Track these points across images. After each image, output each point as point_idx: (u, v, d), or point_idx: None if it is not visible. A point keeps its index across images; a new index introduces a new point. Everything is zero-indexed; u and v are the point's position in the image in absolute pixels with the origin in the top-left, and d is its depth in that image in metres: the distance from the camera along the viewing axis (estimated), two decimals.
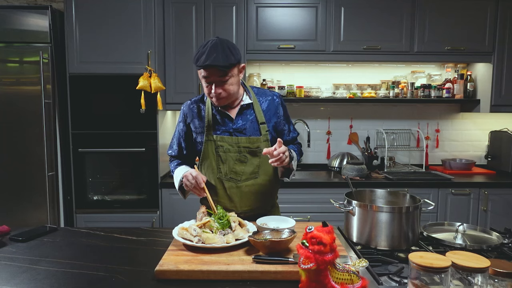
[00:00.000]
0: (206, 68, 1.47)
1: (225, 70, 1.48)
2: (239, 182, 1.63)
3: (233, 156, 1.62)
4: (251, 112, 1.65)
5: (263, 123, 1.64)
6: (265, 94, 1.72)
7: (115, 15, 2.72)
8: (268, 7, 2.95)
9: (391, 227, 1.34)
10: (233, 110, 1.66)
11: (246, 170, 1.63)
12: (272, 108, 1.69)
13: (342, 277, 0.98)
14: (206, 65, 1.45)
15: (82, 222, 2.82)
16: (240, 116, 1.64)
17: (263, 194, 1.68)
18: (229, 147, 1.61)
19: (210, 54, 1.45)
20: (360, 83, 3.34)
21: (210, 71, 1.48)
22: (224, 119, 1.64)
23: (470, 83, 3.20)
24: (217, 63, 1.45)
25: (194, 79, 2.98)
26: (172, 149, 1.78)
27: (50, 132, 2.73)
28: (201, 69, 1.49)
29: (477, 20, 2.99)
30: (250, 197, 1.65)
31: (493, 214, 2.87)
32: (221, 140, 1.62)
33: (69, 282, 1.14)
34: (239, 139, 1.61)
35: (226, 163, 1.62)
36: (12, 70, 2.71)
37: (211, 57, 1.44)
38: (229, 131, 1.63)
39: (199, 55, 1.48)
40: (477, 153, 3.48)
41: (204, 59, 1.45)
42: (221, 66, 1.46)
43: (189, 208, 2.61)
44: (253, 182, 1.64)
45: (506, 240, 1.43)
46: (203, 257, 1.22)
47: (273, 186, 1.73)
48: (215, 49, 1.46)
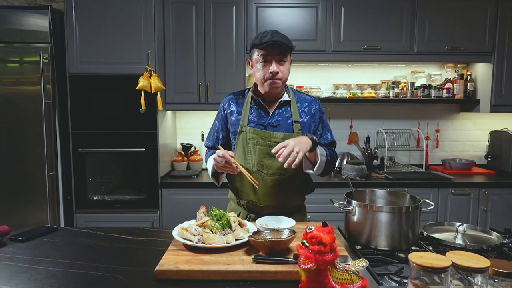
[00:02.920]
0: (270, 48, 1.56)
1: (287, 49, 1.59)
2: (265, 176, 1.64)
3: (263, 149, 1.64)
4: (287, 110, 1.69)
5: (297, 122, 1.67)
6: (304, 98, 1.76)
7: (115, 15, 2.72)
8: (268, 7, 2.95)
9: (391, 227, 1.34)
10: (271, 105, 1.70)
11: (274, 164, 1.64)
12: (309, 111, 1.73)
13: (342, 277, 0.98)
14: (273, 41, 1.54)
15: (82, 222, 2.82)
16: (277, 111, 1.69)
17: (288, 193, 1.68)
18: (260, 140, 1.64)
19: (274, 34, 1.57)
20: (360, 83, 3.34)
21: (272, 50, 1.57)
22: (261, 113, 1.69)
23: (470, 83, 3.20)
24: (282, 40, 1.56)
25: (194, 79, 2.98)
26: (209, 140, 1.84)
27: (50, 132, 2.73)
28: (264, 48, 1.56)
29: (477, 20, 2.99)
30: (274, 192, 1.65)
31: (493, 214, 2.87)
32: (253, 132, 1.65)
33: (69, 282, 1.14)
34: (271, 133, 1.65)
35: (255, 155, 1.65)
36: (12, 70, 2.71)
37: (277, 36, 1.56)
38: (264, 125, 1.67)
39: (261, 37, 1.58)
40: (477, 153, 3.48)
41: (270, 37, 1.56)
42: (285, 44, 1.56)
43: (189, 208, 2.61)
44: (280, 178, 1.65)
45: (506, 240, 1.43)
46: (203, 257, 1.22)
47: (301, 187, 1.74)
48: (278, 33, 1.59)
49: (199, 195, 2.80)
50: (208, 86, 2.98)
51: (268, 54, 1.58)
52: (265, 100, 1.70)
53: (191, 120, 3.40)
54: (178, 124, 3.43)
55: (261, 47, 1.56)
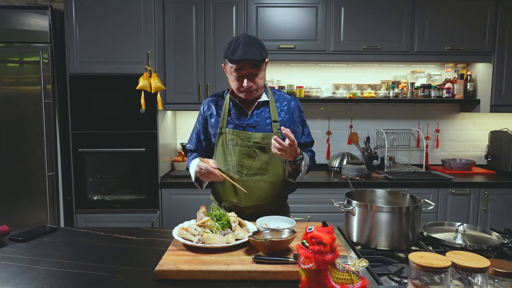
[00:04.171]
0: (241, 62, 1.53)
1: (259, 64, 1.56)
2: (245, 176, 1.64)
3: (242, 150, 1.64)
4: (266, 110, 1.69)
5: (275, 121, 1.67)
6: (283, 97, 1.76)
7: (115, 15, 2.72)
8: (268, 7, 2.95)
9: (391, 227, 1.34)
10: (250, 106, 1.69)
11: (254, 165, 1.64)
12: (288, 111, 1.73)
13: (342, 277, 0.98)
14: (244, 59, 1.51)
15: (82, 222, 2.82)
16: (256, 112, 1.68)
17: (269, 192, 1.68)
18: (239, 140, 1.64)
19: (245, 48, 1.52)
20: (360, 83, 3.34)
21: (244, 64, 1.54)
22: (239, 114, 1.69)
23: (470, 83, 3.20)
24: (254, 57, 1.52)
25: (194, 79, 2.98)
26: (190, 143, 1.84)
27: (50, 132, 2.73)
28: (235, 63, 1.54)
29: (477, 20, 2.99)
30: (255, 192, 1.65)
31: (493, 214, 2.87)
32: (232, 133, 1.65)
33: (69, 282, 1.14)
34: (250, 134, 1.64)
35: (235, 156, 1.64)
36: (12, 70, 2.71)
37: (248, 52, 1.51)
38: (242, 126, 1.67)
39: (233, 49, 1.54)
40: (477, 153, 3.48)
41: (241, 53, 1.51)
42: (257, 60, 1.53)
43: (189, 208, 2.61)
44: (260, 178, 1.65)
45: (506, 240, 1.43)
46: (203, 257, 1.22)
47: (282, 186, 1.72)
48: (250, 44, 1.53)
49: (199, 195, 2.79)
50: (208, 86, 2.98)
51: (241, 68, 1.55)
52: (243, 101, 1.69)
53: (191, 120, 3.39)
54: (178, 124, 3.43)
55: (233, 63, 1.54)
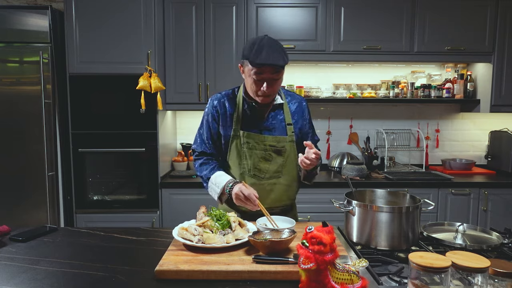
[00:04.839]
0: (263, 66, 1.47)
1: (280, 69, 1.51)
2: (262, 180, 1.65)
3: (258, 153, 1.63)
4: (281, 112, 1.69)
5: (290, 124, 1.67)
6: (294, 97, 1.76)
7: (115, 15, 2.72)
8: (268, 7, 2.95)
9: (391, 227, 1.34)
10: (265, 108, 1.67)
11: (270, 168, 1.64)
12: (300, 111, 1.73)
13: (342, 277, 0.98)
14: (268, 64, 1.45)
15: (82, 222, 2.82)
16: (271, 114, 1.67)
17: (284, 194, 1.69)
18: (255, 144, 1.63)
19: (269, 52, 1.46)
20: (360, 83, 3.34)
21: (266, 69, 1.49)
22: (254, 117, 1.66)
23: (470, 83, 3.20)
24: (277, 62, 1.47)
25: (194, 79, 2.98)
26: (196, 143, 1.74)
27: (50, 132, 2.73)
28: (257, 66, 1.47)
29: (477, 20, 2.99)
30: (270, 195, 1.66)
31: (493, 214, 2.87)
32: (248, 136, 1.63)
33: (69, 282, 1.14)
34: (266, 137, 1.63)
35: (251, 160, 1.64)
36: (12, 70, 2.71)
37: (271, 56, 1.46)
38: (259, 129, 1.65)
39: (256, 52, 1.47)
40: (477, 153, 3.48)
41: (265, 57, 1.45)
42: (280, 66, 1.48)
43: (189, 208, 2.62)
44: (276, 181, 1.66)
45: (506, 240, 1.43)
46: (203, 257, 1.22)
47: (294, 187, 1.74)
48: (273, 48, 1.48)
49: (199, 195, 2.80)
50: (208, 86, 2.98)
51: (261, 72, 1.50)
52: (258, 103, 1.65)
53: (191, 120, 3.40)
54: (178, 124, 3.43)
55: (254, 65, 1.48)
